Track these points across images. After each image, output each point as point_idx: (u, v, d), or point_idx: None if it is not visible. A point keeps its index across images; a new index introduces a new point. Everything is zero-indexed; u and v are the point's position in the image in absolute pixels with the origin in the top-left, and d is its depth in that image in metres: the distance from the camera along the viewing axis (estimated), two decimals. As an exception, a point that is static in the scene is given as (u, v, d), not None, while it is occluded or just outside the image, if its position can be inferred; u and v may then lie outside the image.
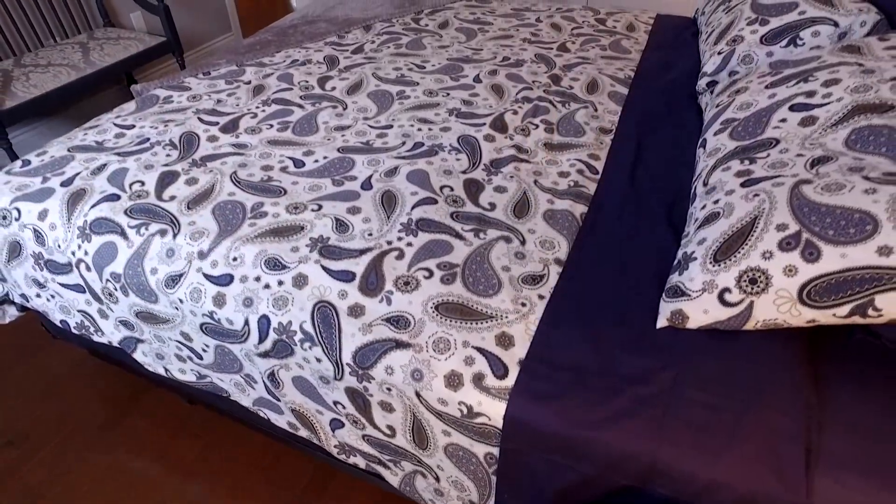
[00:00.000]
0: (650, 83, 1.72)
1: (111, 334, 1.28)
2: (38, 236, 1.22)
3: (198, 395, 1.34)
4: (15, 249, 1.27)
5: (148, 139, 1.42)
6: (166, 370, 1.27)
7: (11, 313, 1.50)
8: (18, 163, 1.39)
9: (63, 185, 1.28)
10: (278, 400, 1.12)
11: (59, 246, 1.20)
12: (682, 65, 1.83)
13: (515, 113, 1.49)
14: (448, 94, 1.57)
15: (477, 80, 1.65)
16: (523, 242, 1.09)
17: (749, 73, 1.44)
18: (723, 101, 1.36)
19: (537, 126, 1.45)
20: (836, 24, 1.50)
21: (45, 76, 2.36)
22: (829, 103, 1.11)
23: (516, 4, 2.31)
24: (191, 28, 3.42)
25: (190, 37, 3.42)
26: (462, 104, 1.52)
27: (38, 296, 1.34)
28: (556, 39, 1.96)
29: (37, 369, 1.72)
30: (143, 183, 1.26)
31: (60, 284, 1.25)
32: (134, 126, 1.49)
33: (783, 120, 1.15)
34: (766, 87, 1.28)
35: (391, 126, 1.44)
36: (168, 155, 1.35)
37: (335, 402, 1.02)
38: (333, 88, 1.62)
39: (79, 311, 1.29)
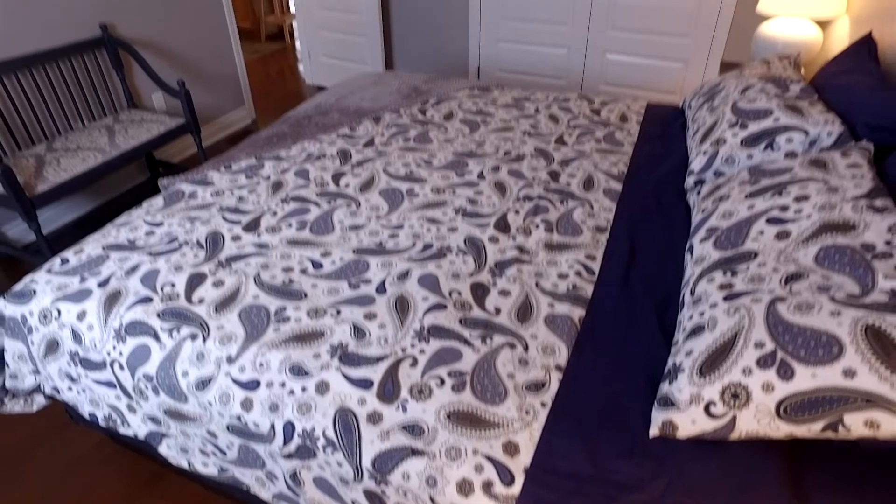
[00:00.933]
0: (642, 178, 1.85)
1: (138, 428, 1.36)
2: (76, 336, 1.32)
3: (216, 484, 1.40)
4: (52, 346, 1.37)
5: (176, 238, 1.54)
6: (189, 463, 1.34)
7: (39, 402, 1.58)
8: (57, 261, 1.50)
9: (100, 285, 1.38)
10: (298, 496, 1.19)
11: (95, 346, 1.30)
12: (671, 159, 1.97)
13: (517, 213, 1.61)
14: (454, 192, 1.70)
15: (481, 176, 1.78)
16: (526, 348, 1.18)
17: (731, 178, 1.57)
18: (707, 206, 1.48)
19: (538, 226, 1.56)
20: (806, 133, 1.64)
21: (74, 160, 2.51)
22: (800, 219, 1.23)
23: (516, 93, 2.48)
24: (206, 103, 3.61)
25: (205, 111, 3.62)
26: (468, 203, 1.65)
27: (70, 389, 1.42)
28: (554, 132, 2.11)
29: (56, 451, 1.79)
30: (173, 285, 1.36)
31: (93, 381, 1.34)
32: (162, 224, 1.61)
33: (761, 232, 1.26)
34: (746, 196, 1.41)
35: (402, 226, 1.55)
36: (196, 255, 1.46)
37: (353, 502, 1.10)
38: (347, 185, 1.75)
39: (108, 405, 1.37)
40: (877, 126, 1.58)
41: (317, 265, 1.42)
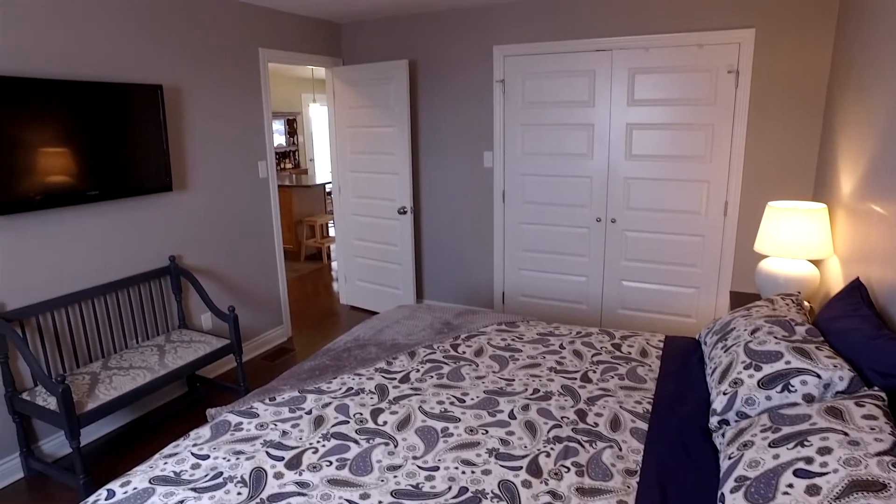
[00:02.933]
0: (666, 417, 1.92)
1: None
2: (113, 581, 1.33)
3: None
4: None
5: (221, 473, 1.60)
6: None
7: None
8: (104, 493, 1.56)
9: (143, 524, 1.42)
10: None
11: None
12: (693, 396, 2.05)
13: (548, 455, 1.66)
14: (487, 433, 1.78)
15: (511, 416, 1.87)
16: None
17: (753, 423, 1.63)
18: (733, 452, 1.53)
19: (569, 469, 1.61)
20: (818, 376, 1.74)
21: (124, 379, 2.67)
22: (827, 473, 1.28)
23: (541, 328, 2.67)
24: (248, 322, 3.89)
25: (246, 329, 3.88)
26: (500, 443, 1.72)
27: None
28: (579, 368, 2.24)
29: None
30: (215, 526, 1.40)
31: None
32: (208, 457, 1.69)
33: (790, 486, 1.30)
34: (770, 444, 1.46)
35: (437, 468, 1.61)
36: (239, 493, 1.52)
37: None
38: (385, 423, 1.85)
39: None
40: (884, 372, 1.68)
41: (355, 509, 1.45)
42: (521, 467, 1.61)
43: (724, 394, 1.86)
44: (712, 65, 3.44)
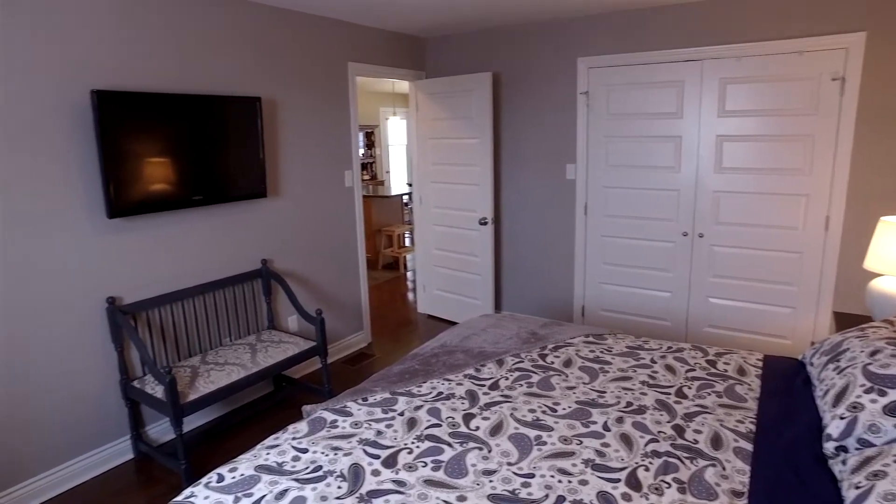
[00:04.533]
0: (773, 439, 1.81)
1: None
2: (226, 561, 1.39)
3: None
4: (200, 569, 1.44)
5: (321, 467, 1.65)
6: None
7: None
8: (214, 476, 1.64)
9: (252, 508, 1.49)
10: None
11: (241, 574, 1.35)
12: (801, 419, 1.93)
13: (647, 469, 1.61)
14: (581, 443, 1.74)
15: (606, 427, 1.83)
16: None
17: (884, 452, 1.51)
18: (861, 482, 1.42)
19: (669, 485, 1.55)
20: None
21: (221, 374, 2.81)
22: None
23: (630, 341, 2.60)
24: (331, 327, 4.00)
25: (328, 334, 3.99)
26: (596, 455, 1.68)
27: None
28: (673, 383, 2.16)
29: None
30: (318, 516, 1.44)
31: None
32: (308, 450, 1.75)
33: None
34: (905, 476, 1.35)
35: (533, 475, 1.59)
36: (339, 487, 1.56)
37: None
38: (477, 428, 1.85)
39: None
40: None
41: (453, 510, 1.46)
42: (620, 480, 1.56)
43: (842, 418, 1.74)
44: (814, 72, 3.27)
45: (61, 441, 2.63)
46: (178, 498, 1.60)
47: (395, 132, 10.12)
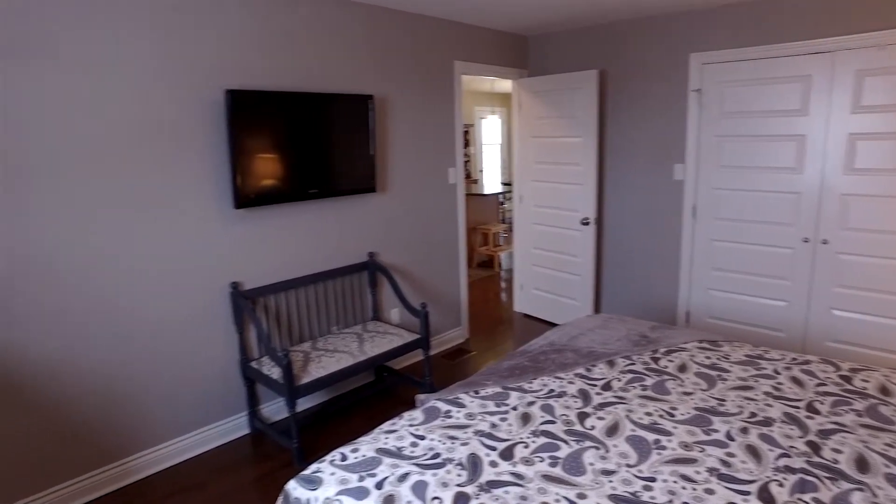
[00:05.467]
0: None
1: None
2: (354, 534, 1.47)
3: None
4: (330, 537, 1.52)
5: (439, 454, 1.70)
6: None
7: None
8: (338, 455, 1.74)
9: (376, 487, 1.55)
10: None
11: (369, 548, 1.42)
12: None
13: (781, 485, 1.52)
14: (703, 451, 1.68)
15: (729, 437, 1.75)
16: None
17: None
18: None
19: (808, 504, 1.46)
20: None
21: (331, 360, 2.95)
22: None
23: (748, 350, 2.47)
24: (430, 322, 4.07)
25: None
26: (721, 464, 1.61)
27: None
28: (801, 397, 2.03)
29: None
30: (440, 499, 1.49)
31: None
32: (425, 438, 1.80)
33: None
34: None
35: (654, 479, 1.55)
36: (459, 475, 1.59)
37: None
38: (593, 427, 1.83)
39: None
40: None
41: (574, 507, 1.45)
42: (750, 493, 1.49)
43: None
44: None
45: (188, 412, 2.86)
46: (305, 472, 1.70)
47: (491, 132, 10.15)
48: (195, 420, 2.90)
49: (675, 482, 1.54)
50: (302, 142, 3.06)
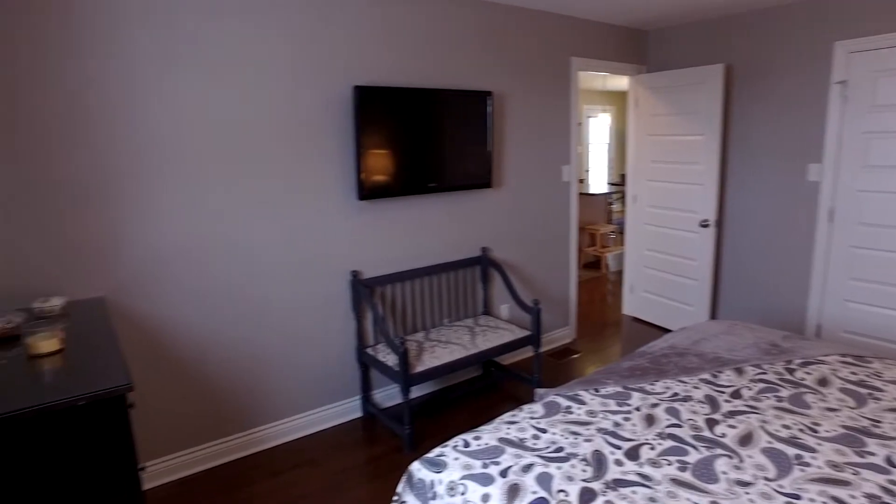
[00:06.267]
0: None
1: None
2: (480, 518, 1.50)
3: None
4: (454, 520, 1.57)
5: (562, 448, 1.70)
6: None
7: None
8: (461, 441, 1.78)
9: (501, 475, 1.58)
10: None
11: (495, 533, 1.45)
12: None
13: (953, 517, 1.38)
14: (857, 474, 1.55)
15: (890, 463, 1.60)
16: None
17: None
18: None
19: (984, 540, 1.31)
20: None
21: (444, 351, 3.03)
22: None
23: (901, 369, 2.24)
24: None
25: (538, 327, 4.05)
26: (883, 492, 1.48)
27: (453, 565, 1.58)
28: (972, 424, 1.82)
29: None
30: (566, 493, 1.48)
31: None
32: (546, 431, 1.81)
33: None
34: None
35: (799, 496, 1.46)
36: (584, 470, 1.58)
37: None
38: (723, 435, 1.75)
39: None
40: None
41: (708, 514, 1.40)
42: (915, 523, 1.36)
43: None
44: None
45: (307, 392, 3.04)
46: (429, 455, 1.76)
47: (599, 131, 9.91)
48: (313, 400, 3.08)
49: (824, 502, 1.43)
50: (422, 136, 3.16)
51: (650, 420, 1.84)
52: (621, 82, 7.59)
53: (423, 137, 3.16)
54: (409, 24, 3.12)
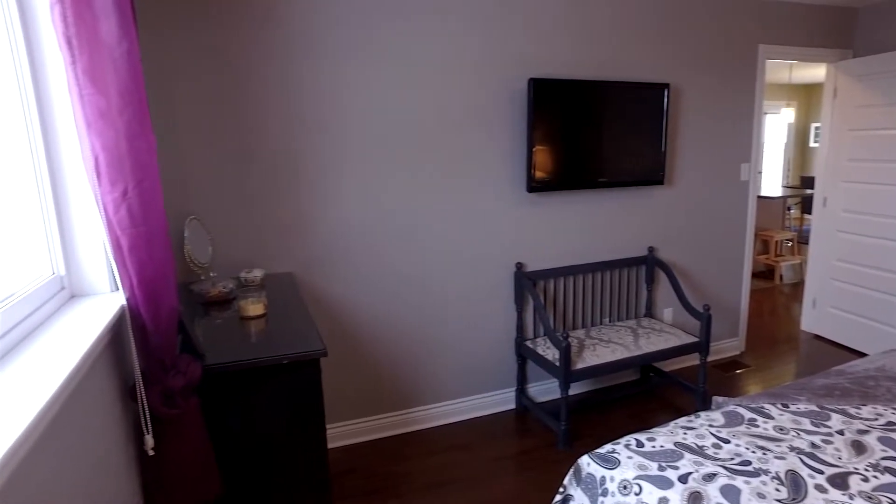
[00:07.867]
0: None
1: None
2: (658, 521, 1.45)
3: None
4: (628, 520, 1.53)
5: (749, 462, 1.57)
6: None
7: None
8: (633, 440, 1.73)
9: (680, 480, 1.51)
10: None
11: (676, 539, 1.39)
12: None
13: None
14: None
15: None
16: None
17: None
18: None
19: None
20: None
21: (605, 350, 2.95)
22: None
23: None
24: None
25: (704, 335, 3.78)
26: None
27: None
28: None
29: None
30: (758, 511, 1.38)
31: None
32: (729, 441, 1.69)
33: None
34: None
35: None
36: (777, 490, 1.46)
37: None
38: (961, 477, 1.50)
39: None
40: None
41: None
42: None
43: None
44: None
45: (466, 379, 3.13)
46: (600, 450, 1.73)
47: (775, 129, 9.00)
48: (470, 388, 3.16)
49: None
50: (594, 129, 3.09)
51: (859, 448, 1.64)
52: (812, 72, 6.82)
53: (595, 130, 3.09)
54: (588, 10, 3.05)
